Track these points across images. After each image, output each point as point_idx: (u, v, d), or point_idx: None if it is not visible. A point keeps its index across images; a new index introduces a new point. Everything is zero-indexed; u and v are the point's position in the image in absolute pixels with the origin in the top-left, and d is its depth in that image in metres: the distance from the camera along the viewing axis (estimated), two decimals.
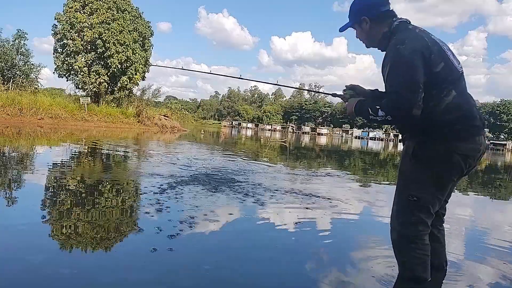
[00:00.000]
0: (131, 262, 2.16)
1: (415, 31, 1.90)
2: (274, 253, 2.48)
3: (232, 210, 3.54)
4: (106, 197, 3.85)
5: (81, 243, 2.39)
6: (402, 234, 1.95)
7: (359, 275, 2.21)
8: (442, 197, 1.94)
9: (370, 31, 2.05)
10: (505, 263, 2.60)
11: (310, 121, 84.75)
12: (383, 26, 2.00)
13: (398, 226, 1.97)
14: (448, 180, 1.90)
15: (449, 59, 1.85)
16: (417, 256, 1.93)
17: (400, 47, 1.80)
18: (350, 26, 2.14)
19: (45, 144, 10.06)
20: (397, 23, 1.97)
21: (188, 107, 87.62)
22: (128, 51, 25.77)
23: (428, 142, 1.86)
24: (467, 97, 1.90)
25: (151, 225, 2.78)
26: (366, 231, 3.30)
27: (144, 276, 1.95)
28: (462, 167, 1.85)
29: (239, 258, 2.37)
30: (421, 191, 1.88)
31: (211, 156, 9.47)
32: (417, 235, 1.92)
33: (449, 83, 1.82)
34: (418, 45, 1.80)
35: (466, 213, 4.65)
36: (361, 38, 2.13)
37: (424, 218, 1.91)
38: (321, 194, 4.73)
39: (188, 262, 2.21)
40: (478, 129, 1.86)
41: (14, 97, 19.29)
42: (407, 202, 1.93)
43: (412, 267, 1.95)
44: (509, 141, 54.84)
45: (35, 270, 1.95)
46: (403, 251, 1.98)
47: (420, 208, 1.90)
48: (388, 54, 1.90)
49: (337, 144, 30.07)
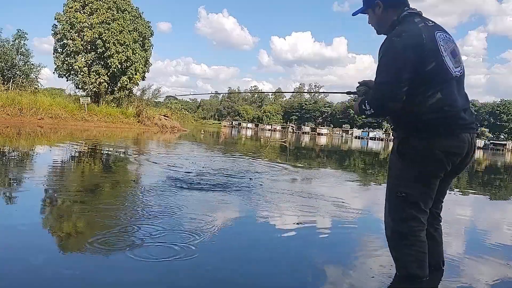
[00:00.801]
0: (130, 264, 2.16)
1: (417, 25, 1.88)
2: (273, 254, 2.49)
3: (225, 210, 3.54)
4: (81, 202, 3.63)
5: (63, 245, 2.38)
6: (395, 230, 1.98)
7: (359, 276, 2.21)
8: (431, 193, 1.94)
9: (382, 16, 2.07)
10: (504, 263, 2.60)
11: (310, 121, 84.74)
12: (394, 13, 2.01)
13: (391, 222, 2.00)
14: (432, 176, 1.91)
15: (443, 61, 1.84)
16: (410, 253, 1.94)
17: (395, 40, 1.84)
18: (364, 10, 2.15)
19: (38, 146, 10.05)
20: (405, 13, 1.97)
21: (188, 107, 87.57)
22: (128, 51, 25.79)
23: (411, 138, 1.90)
24: (455, 99, 1.87)
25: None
26: (366, 231, 3.30)
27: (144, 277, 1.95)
28: (444, 163, 1.87)
29: (239, 258, 2.37)
30: (408, 187, 1.92)
31: (211, 157, 9.44)
32: (410, 232, 1.93)
33: (437, 83, 1.83)
34: (412, 41, 1.81)
35: (465, 213, 4.65)
36: (372, 24, 2.15)
37: (415, 214, 1.93)
38: (320, 193, 4.73)
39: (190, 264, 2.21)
40: (462, 127, 1.87)
41: (14, 97, 19.30)
42: (396, 199, 1.96)
43: (406, 264, 1.97)
44: (509, 141, 54.86)
45: (34, 271, 1.95)
46: (397, 247, 1.99)
47: (409, 204, 1.92)
48: (384, 44, 1.91)
49: (337, 144, 30.07)
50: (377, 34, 2.17)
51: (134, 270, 2.03)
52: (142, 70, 27.72)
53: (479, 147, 50.63)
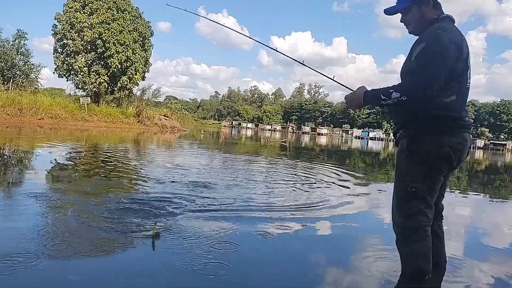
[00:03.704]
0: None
1: (457, 28, 2.00)
2: (273, 255, 2.48)
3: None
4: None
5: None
6: (405, 226, 2.01)
7: (359, 275, 2.21)
8: (436, 188, 2.02)
9: (427, 14, 2.06)
10: (505, 263, 2.60)
11: (310, 121, 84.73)
12: (435, 13, 2.05)
13: (400, 218, 2.04)
14: (441, 172, 1.99)
15: (468, 68, 1.97)
16: (419, 248, 1.98)
17: (441, 33, 1.89)
18: (406, 7, 2.09)
19: (27, 148, 10.02)
20: (444, 16, 2.04)
21: (188, 107, 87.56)
22: (128, 51, 25.79)
23: (421, 135, 1.96)
24: (463, 105, 2.02)
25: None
26: (367, 232, 3.30)
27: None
28: (452, 159, 1.95)
29: (237, 260, 2.37)
30: (418, 182, 1.97)
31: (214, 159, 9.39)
32: (419, 226, 1.98)
33: (457, 87, 1.93)
34: (455, 38, 1.89)
35: (465, 213, 4.65)
36: (411, 21, 2.11)
37: (423, 209, 1.98)
38: (320, 192, 4.73)
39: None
40: (463, 127, 1.98)
41: (14, 97, 19.30)
42: (405, 194, 2.01)
43: (415, 260, 2.00)
44: (509, 141, 54.86)
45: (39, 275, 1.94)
46: (407, 242, 2.02)
47: (418, 199, 1.98)
48: (426, 35, 1.94)
49: (337, 144, 30.07)
50: (410, 33, 2.14)
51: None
52: (142, 70, 27.73)
53: (479, 147, 50.69)
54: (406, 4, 2.09)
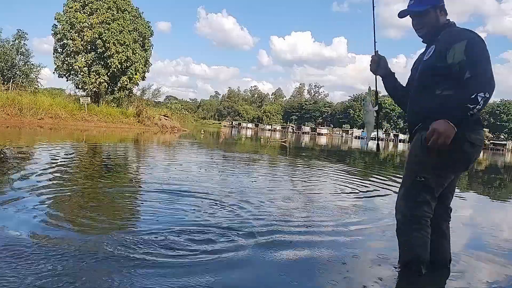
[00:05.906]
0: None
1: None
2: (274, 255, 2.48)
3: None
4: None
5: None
6: (409, 214, 2.05)
7: (359, 276, 2.21)
8: (444, 183, 2.04)
9: (441, 18, 2.09)
10: (506, 263, 2.60)
11: (310, 121, 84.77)
12: (445, 17, 2.11)
13: (405, 206, 2.08)
14: (454, 167, 2.02)
15: None
16: (419, 236, 2.02)
17: (473, 32, 1.94)
18: (423, 11, 2.07)
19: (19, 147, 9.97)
20: (452, 21, 2.10)
21: (188, 107, 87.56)
22: (128, 51, 25.80)
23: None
24: None
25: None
26: (367, 234, 3.29)
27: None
28: (470, 155, 1.97)
29: (234, 260, 2.36)
30: (428, 173, 2.00)
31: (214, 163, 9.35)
32: (423, 216, 2.03)
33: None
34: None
35: (467, 213, 4.65)
36: (425, 25, 2.11)
37: (429, 200, 2.03)
38: (319, 191, 4.72)
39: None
40: (481, 124, 2.04)
41: (14, 97, 19.29)
42: (414, 183, 2.04)
43: (413, 247, 2.04)
44: (509, 141, 54.86)
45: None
46: (407, 230, 2.06)
47: (426, 189, 2.01)
48: (459, 35, 1.95)
49: (337, 144, 30.06)
50: (421, 36, 2.15)
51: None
52: (142, 70, 27.73)
53: None
54: (423, 8, 2.07)
